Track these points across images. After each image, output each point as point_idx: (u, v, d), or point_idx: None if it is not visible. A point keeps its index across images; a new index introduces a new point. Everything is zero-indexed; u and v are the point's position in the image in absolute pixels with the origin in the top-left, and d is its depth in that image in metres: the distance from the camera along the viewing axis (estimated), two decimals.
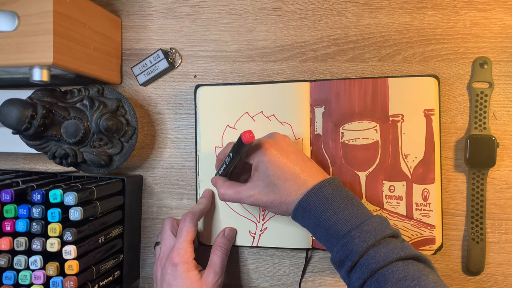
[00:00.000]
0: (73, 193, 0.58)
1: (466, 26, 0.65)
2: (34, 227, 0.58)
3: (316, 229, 0.55)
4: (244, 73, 0.71)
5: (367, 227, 0.51)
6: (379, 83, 0.64)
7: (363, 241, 0.50)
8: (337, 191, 0.55)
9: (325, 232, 0.54)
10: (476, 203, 0.64)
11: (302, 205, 0.55)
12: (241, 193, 0.60)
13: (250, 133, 0.53)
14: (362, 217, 0.53)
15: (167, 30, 0.74)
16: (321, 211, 0.54)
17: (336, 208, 0.53)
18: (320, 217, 0.54)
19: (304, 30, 0.69)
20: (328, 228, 0.53)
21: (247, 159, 0.60)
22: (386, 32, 0.67)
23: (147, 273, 0.75)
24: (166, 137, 0.74)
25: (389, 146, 0.64)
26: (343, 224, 0.52)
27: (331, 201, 0.54)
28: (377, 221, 0.52)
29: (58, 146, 0.67)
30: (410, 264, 0.49)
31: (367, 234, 0.51)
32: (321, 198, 0.54)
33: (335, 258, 0.53)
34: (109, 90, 0.70)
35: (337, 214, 0.53)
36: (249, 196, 0.59)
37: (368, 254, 0.50)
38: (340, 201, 0.54)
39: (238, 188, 0.60)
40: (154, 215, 0.74)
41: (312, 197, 0.55)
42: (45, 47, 0.57)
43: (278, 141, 0.60)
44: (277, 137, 0.61)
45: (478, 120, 0.64)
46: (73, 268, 0.57)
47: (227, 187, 0.62)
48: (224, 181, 0.63)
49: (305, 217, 0.56)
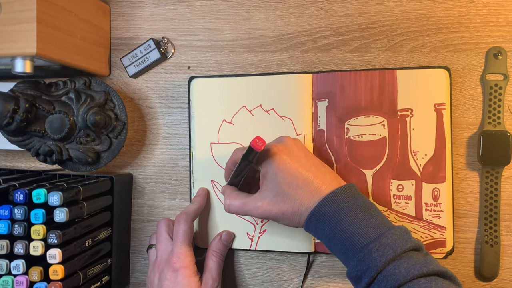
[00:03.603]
0: (58, 192, 0.58)
1: (479, 14, 0.65)
2: (16, 229, 0.58)
3: (331, 241, 0.54)
4: (242, 64, 0.71)
5: (386, 239, 0.50)
6: (387, 75, 0.64)
7: (382, 255, 0.49)
8: (353, 199, 0.54)
9: (340, 245, 0.53)
10: (490, 203, 0.64)
11: (315, 215, 0.54)
12: (247, 205, 0.59)
13: (261, 140, 0.53)
14: (381, 229, 0.52)
15: (158, 18, 0.74)
16: (336, 222, 0.53)
17: (353, 219, 0.52)
18: (335, 228, 0.53)
19: (305, 18, 0.69)
20: (343, 241, 0.52)
21: (257, 167, 0.59)
22: (394, 21, 0.67)
23: (137, 278, 0.75)
24: (158, 133, 0.74)
25: (397, 142, 0.64)
26: (360, 236, 0.51)
27: (347, 210, 0.53)
28: (398, 233, 0.51)
29: (42, 142, 0.67)
30: (433, 281, 0.48)
31: (386, 247, 0.49)
32: (336, 207, 0.53)
33: (351, 273, 0.52)
34: (96, 83, 0.70)
35: (354, 225, 0.52)
36: (257, 207, 0.58)
37: (387, 269, 0.49)
38: (356, 211, 0.53)
39: (245, 200, 0.59)
40: (145, 216, 0.74)
41: (326, 206, 0.54)
42: (28, 36, 0.56)
43: (287, 145, 0.59)
44: (286, 141, 0.60)
45: (492, 115, 0.64)
46: (58, 273, 0.57)
47: (233, 198, 0.60)
48: (231, 191, 0.62)
49: (318, 228, 0.55)
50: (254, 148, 0.53)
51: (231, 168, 0.63)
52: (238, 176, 0.61)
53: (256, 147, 0.53)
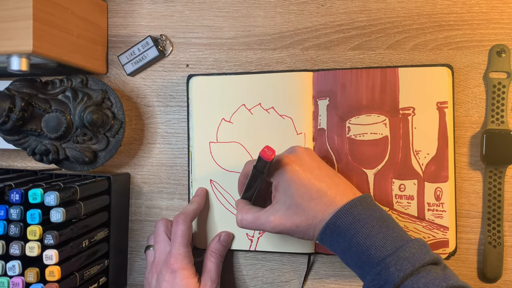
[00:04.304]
0: (54, 192, 0.58)
1: (483, 11, 0.65)
2: (12, 230, 0.58)
3: (346, 255, 0.53)
4: (241, 62, 0.71)
5: (404, 253, 0.49)
6: (389, 73, 0.64)
7: (400, 269, 0.48)
8: (369, 211, 0.53)
9: (356, 259, 0.52)
10: (493, 203, 0.64)
11: (330, 227, 0.53)
12: (259, 219, 0.58)
13: (270, 149, 0.52)
14: (399, 242, 0.51)
15: (156, 15, 0.73)
16: (352, 235, 0.52)
17: (369, 231, 0.51)
18: (351, 241, 0.52)
19: (306, 15, 0.69)
20: (359, 254, 0.51)
21: (269, 179, 0.59)
22: (395, 18, 0.67)
23: (135, 279, 0.75)
24: (156, 132, 0.74)
25: (399, 141, 0.64)
26: (376, 250, 0.50)
27: (363, 222, 0.52)
28: (416, 246, 0.50)
29: (38, 141, 0.67)
30: None
31: (404, 261, 0.48)
32: (351, 219, 0.52)
33: None
34: (93, 81, 0.70)
35: (370, 238, 0.51)
36: (270, 221, 0.57)
37: (405, 285, 0.48)
38: (373, 223, 0.52)
39: (257, 214, 0.58)
40: (142, 216, 0.74)
41: (342, 218, 0.53)
42: (24, 34, 0.56)
43: (299, 156, 0.58)
44: (298, 151, 0.59)
45: (495, 114, 0.64)
46: (55, 274, 0.57)
47: (245, 212, 0.59)
48: (244, 205, 0.61)
49: (333, 241, 0.54)
50: (264, 158, 0.52)
51: (244, 181, 0.62)
52: (251, 189, 0.60)
53: (266, 156, 0.52)
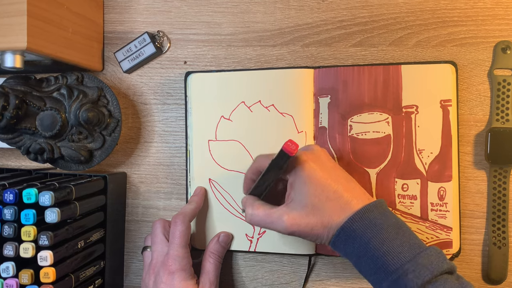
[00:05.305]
0: (49, 192, 0.58)
1: (487, 7, 0.65)
2: (5, 230, 0.58)
3: (361, 260, 0.53)
4: (240, 58, 0.71)
5: (423, 260, 0.49)
6: (391, 70, 0.64)
7: (418, 277, 0.48)
8: (385, 216, 0.53)
9: (372, 264, 0.51)
10: (498, 203, 0.64)
11: (346, 231, 0.52)
12: (271, 216, 0.56)
13: (294, 143, 0.51)
14: (416, 249, 0.50)
15: (154, 11, 0.73)
16: (368, 239, 0.51)
17: (386, 237, 0.51)
18: (367, 246, 0.51)
19: (306, 11, 0.69)
20: (375, 260, 0.51)
21: (284, 176, 0.57)
22: (398, 14, 0.67)
23: (132, 281, 0.75)
24: (153, 130, 0.74)
25: (402, 140, 0.64)
26: (394, 256, 0.50)
27: (380, 228, 0.51)
28: (433, 253, 0.50)
29: (32, 140, 0.67)
30: None
31: (422, 268, 0.48)
32: (367, 223, 0.52)
33: None
34: (89, 78, 0.69)
35: (387, 243, 0.50)
36: (283, 220, 0.55)
37: None
38: (389, 229, 0.51)
39: (269, 210, 0.57)
40: (139, 217, 0.74)
41: (358, 222, 0.52)
42: (18, 30, 0.56)
43: (317, 154, 0.58)
44: (315, 149, 0.58)
45: (500, 111, 0.64)
46: (49, 276, 0.57)
47: (256, 207, 0.58)
48: (254, 200, 0.59)
49: (347, 245, 0.53)
50: (287, 152, 0.51)
51: (252, 178, 0.62)
52: (263, 185, 0.59)
53: (290, 150, 0.51)
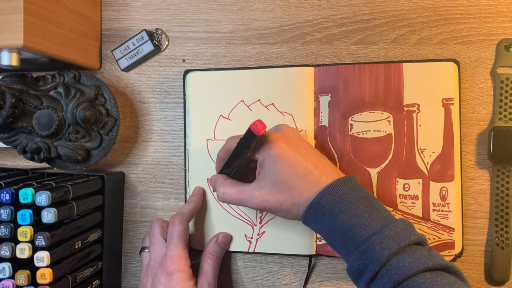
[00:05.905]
0: (46, 192, 0.57)
1: (490, 4, 0.65)
2: (2, 231, 0.58)
3: (331, 234, 0.54)
4: (239, 56, 0.71)
5: (390, 232, 0.50)
6: (393, 68, 0.64)
7: (385, 248, 0.49)
8: (354, 191, 0.54)
9: (341, 238, 0.53)
10: (501, 203, 0.64)
11: (315, 207, 0.54)
12: (243, 193, 0.58)
13: (262, 123, 0.52)
14: (384, 221, 0.52)
15: (152, 9, 0.73)
16: (337, 214, 0.53)
17: (354, 211, 0.52)
18: (336, 220, 0.53)
19: (306, 8, 0.69)
20: (344, 233, 0.52)
21: (253, 156, 0.59)
22: (400, 11, 0.67)
23: (130, 282, 0.75)
24: (151, 129, 0.73)
25: (404, 139, 0.64)
26: (362, 229, 0.51)
27: (348, 202, 0.53)
28: (401, 225, 0.51)
29: (29, 139, 0.67)
30: (439, 275, 0.48)
31: (389, 240, 0.50)
32: (336, 198, 0.53)
33: (352, 268, 0.52)
34: (86, 76, 0.69)
35: (355, 217, 0.52)
36: (254, 197, 0.57)
37: (391, 263, 0.49)
38: (358, 203, 0.53)
39: (240, 188, 0.59)
40: (137, 217, 0.74)
41: (326, 197, 0.54)
42: (14, 28, 0.56)
43: (286, 133, 0.59)
44: (284, 129, 0.60)
45: (503, 110, 0.64)
46: (46, 277, 0.57)
47: (227, 186, 0.60)
48: (224, 179, 0.62)
49: (317, 221, 0.55)
50: (254, 131, 0.52)
51: (223, 158, 0.63)
52: (232, 164, 0.60)
53: (257, 130, 0.52)
